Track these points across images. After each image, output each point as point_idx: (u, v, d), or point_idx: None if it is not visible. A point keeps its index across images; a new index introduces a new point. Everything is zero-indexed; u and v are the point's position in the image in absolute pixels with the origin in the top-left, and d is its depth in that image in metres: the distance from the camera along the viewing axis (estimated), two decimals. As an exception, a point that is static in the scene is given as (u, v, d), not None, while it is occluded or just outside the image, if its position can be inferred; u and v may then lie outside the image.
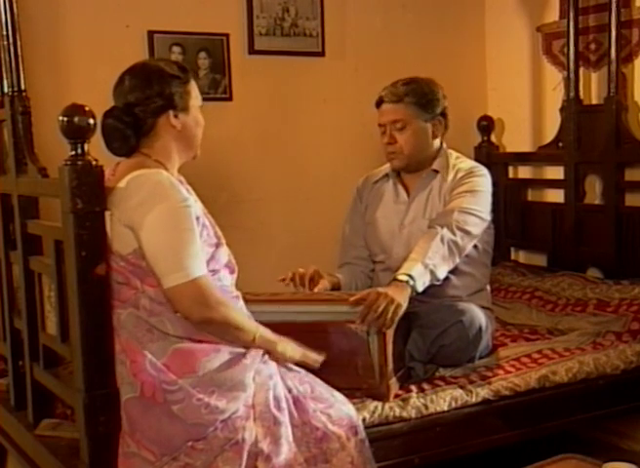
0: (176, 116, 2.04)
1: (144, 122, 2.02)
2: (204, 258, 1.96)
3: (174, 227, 1.91)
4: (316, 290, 2.54)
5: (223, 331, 1.96)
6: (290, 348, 2.09)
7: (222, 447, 1.87)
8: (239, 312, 2.04)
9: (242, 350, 1.98)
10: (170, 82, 2.03)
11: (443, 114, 2.69)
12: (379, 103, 2.68)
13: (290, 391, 2.00)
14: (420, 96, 2.63)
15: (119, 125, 2.00)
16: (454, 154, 2.75)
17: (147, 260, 1.91)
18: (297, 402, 1.99)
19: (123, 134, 2.00)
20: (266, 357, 2.03)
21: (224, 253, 2.06)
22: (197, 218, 1.97)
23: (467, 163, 2.73)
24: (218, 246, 2.04)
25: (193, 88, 2.10)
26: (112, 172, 2.03)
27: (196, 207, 2.01)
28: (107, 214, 1.91)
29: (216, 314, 1.93)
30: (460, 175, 2.66)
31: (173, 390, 1.86)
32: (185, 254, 1.90)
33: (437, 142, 2.71)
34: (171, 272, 1.89)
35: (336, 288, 2.64)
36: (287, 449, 1.92)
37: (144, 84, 2.01)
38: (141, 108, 2.01)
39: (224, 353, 1.95)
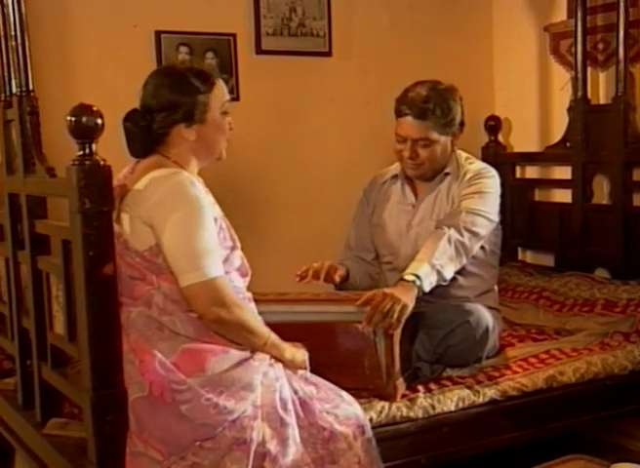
0: (189, 127, 2.02)
1: (158, 129, 2.02)
2: (221, 259, 1.96)
3: (193, 227, 1.92)
4: (337, 276, 2.57)
5: (236, 333, 1.97)
6: (299, 355, 2.10)
7: (230, 446, 1.87)
8: (253, 315, 2.05)
9: (249, 353, 1.98)
10: (190, 93, 2.01)
11: (461, 123, 2.67)
12: (400, 114, 2.59)
13: (296, 392, 2.00)
14: (446, 113, 2.57)
15: (134, 129, 2.02)
16: (463, 155, 2.74)
17: (166, 259, 1.92)
18: (303, 403, 1.99)
19: (139, 137, 2.02)
20: (273, 360, 2.03)
21: (238, 257, 2.07)
22: (215, 220, 1.98)
23: (476, 164, 2.72)
24: (233, 249, 2.05)
25: (215, 95, 2.05)
26: (131, 170, 2.06)
27: (214, 209, 2.02)
28: (125, 214, 1.94)
29: (230, 315, 1.93)
30: (468, 176, 2.65)
31: (181, 390, 1.86)
32: (203, 254, 1.91)
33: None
34: (188, 271, 1.90)
35: (343, 280, 2.65)
36: (294, 450, 1.92)
37: (165, 91, 2.01)
38: (156, 115, 2.01)
39: (233, 354, 1.95)
